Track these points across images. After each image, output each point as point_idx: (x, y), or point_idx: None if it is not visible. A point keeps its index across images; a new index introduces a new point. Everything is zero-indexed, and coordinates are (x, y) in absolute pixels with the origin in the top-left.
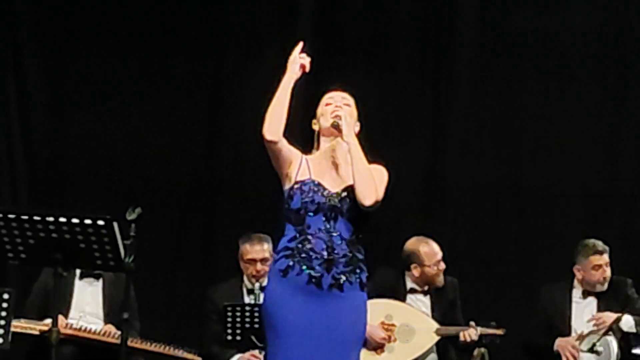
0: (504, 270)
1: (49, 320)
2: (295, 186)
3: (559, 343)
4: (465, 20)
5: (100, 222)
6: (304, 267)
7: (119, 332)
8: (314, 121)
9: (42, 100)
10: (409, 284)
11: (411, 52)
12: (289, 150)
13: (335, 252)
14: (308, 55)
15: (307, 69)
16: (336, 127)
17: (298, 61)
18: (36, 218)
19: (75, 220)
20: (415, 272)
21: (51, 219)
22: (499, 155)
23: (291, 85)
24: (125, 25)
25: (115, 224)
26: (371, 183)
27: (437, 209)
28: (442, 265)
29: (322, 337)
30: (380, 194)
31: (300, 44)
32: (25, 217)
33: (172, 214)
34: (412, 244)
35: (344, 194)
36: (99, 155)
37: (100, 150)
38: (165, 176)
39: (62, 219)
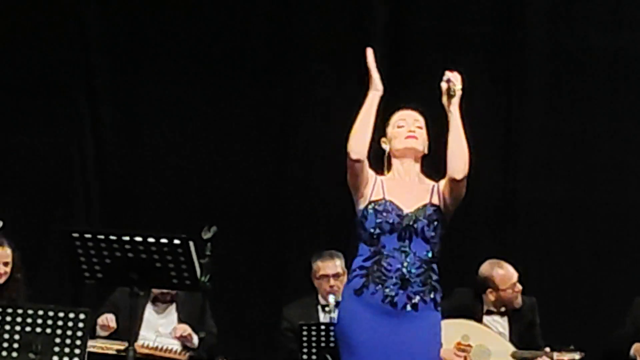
0: (578, 290)
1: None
2: (370, 206)
3: (636, 347)
4: (536, 39)
5: (176, 241)
6: (379, 287)
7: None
8: (384, 140)
9: (115, 120)
10: (486, 306)
11: (483, 71)
12: (368, 171)
13: (410, 271)
14: (379, 70)
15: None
16: (451, 95)
17: (377, 77)
18: (112, 238)
19: (151, 240)
20: (492, 296)
21: (127, 238)
22: (570, 175)
23: (376, 102)
24: (197, 47)
25: (191, 243)
26: (465, 157)
27: (509, 228)
28: (519, 287)
29: (395, 356)
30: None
31: (370, 51)
32: (102, 237)
33: (244, 233)
34: (486, 268)
35: (419, 213)
36: (172, 175)
37: (173, 170)
38: (238, 195)
39: (138, 239)
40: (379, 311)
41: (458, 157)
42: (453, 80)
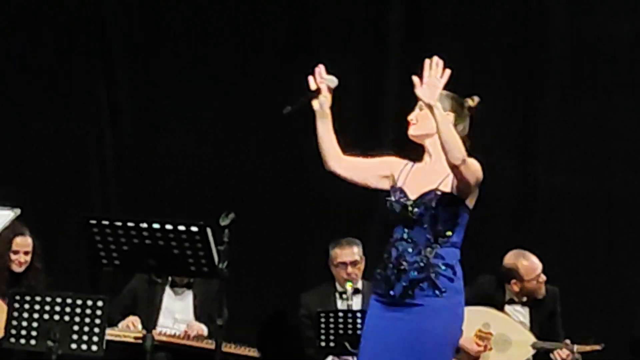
0: (598, 280)
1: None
2: (386, 196)
3: None
4: (556, 29)
5: (194, 228)
6: (382, 277)
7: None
8: None
9: (133, 107)
10: (508, 295)
11: (502, 61)
12: (377, 168)
13: (407, 260)
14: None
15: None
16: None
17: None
18: (130, 224)
19: (168, 227)
20: (516, 287)
21: (145, 225)
22: (590, 164)
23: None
24: (215, 33)
25: (208, 230)
26: (457, 143)
27: (528, 218)
28: (543, 278)
29: (394, 347)
30: (463, 154)
31: (319, 70)
32: (119, 224)
33: (262, 220)
34: (510, 259)
35: (419, 200)
36: (191, 162)
37: (191, 157)
38: (256, 182)
39: (156, 226)
40: (384, 301)
41: (451, 145)
42: (433, 73)
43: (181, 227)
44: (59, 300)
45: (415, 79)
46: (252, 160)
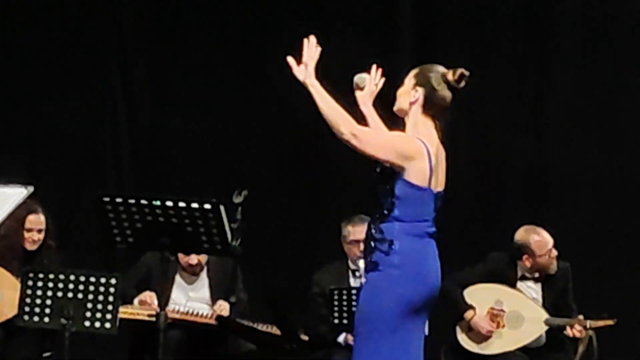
0: (610, 256)
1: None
2: None
3: None
4: (567, 5)
5: (207, 206)
6: None
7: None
8: None
9: (146, 85)
10: (520, 271)
11: (513, 38)
12: None
13: (366, 237)
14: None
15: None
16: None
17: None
18: (143, 202)
19: (182, 204)
20: (528, 262)
21: (158, 203)
22: (602, 141)
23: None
24: (228, 11)
25: (222, 208)
26: (335, 119)
27: (541, 195)
28: (554, 253)
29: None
30: (348, 128)
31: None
32: (133, 202)
33: (275, 197)
34: (522, 235)
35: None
36: (204, 139)
37: (204, 134)
38: (269, 160)
39: (169, 203)
40: None
41: (331, 121)
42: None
43: (194, 205)
44: (72, 277)
45: (290, 59)
46: (265, 139)
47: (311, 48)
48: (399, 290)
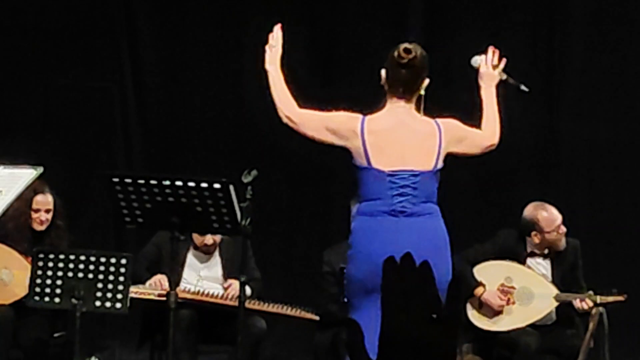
0: (621, 231)
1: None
2: None
3: None
4: None
5: (217, 185)
6: None
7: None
8: None
9: (155, 63)
10: (529, 248)
11: (524, 10)
12: None
13: None
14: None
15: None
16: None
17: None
18: (153, 182)
19: (191, 184)
20: (536, 239)
21: (168, 182)
22: (614, 114)
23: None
24: None
25: (231, 187)
26: (277, 103)
27: (553, 170)
28: (563, 229)
29: None
30: (286, 112)
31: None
32: (142, 182)
33: (286, 177)
34: (530, 211)
35: None
36: (214, 118)
37: (214, 113)
38: (280, 139)
39: (179, 183)
40: None
41: (275, 105)
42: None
43: (204, 185)
44: (82, 258)
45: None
46: (275, 118)
47: (277, 35)
48: (350, 269)
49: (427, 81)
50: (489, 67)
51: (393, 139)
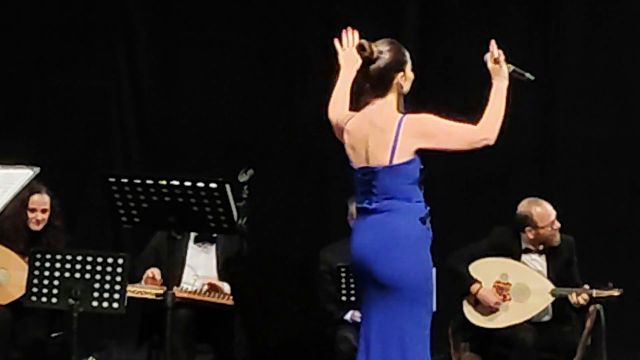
0: (617, 227)
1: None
2: None
3: None
4: None
5: (213, 185)
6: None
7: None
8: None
9: (152, 63)
10: (524, 244)
11: (520, 8)
12: None
13: None
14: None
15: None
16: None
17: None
18: (149, 182)
19: (187, 183)
20: (530, 234)
21: (164, 182)
22: (610, 111)
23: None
24: None
25: (227, 186)
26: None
27: (548, 166)
28: (557, 225)
29: None
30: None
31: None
32: (139, 181)
33: (283, 176)
34: (524, 206)
35: None
36: (210, 118)
37: (211, 113)
38: (276, 138)
39: (175, 182)
40: None
41: None
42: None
43: (200, 184)
44: (79, 258)
45: (336, 43)
46: (271, 117)
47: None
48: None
49: (399, 75)
50: (493, 61)
51: (360, 137)
